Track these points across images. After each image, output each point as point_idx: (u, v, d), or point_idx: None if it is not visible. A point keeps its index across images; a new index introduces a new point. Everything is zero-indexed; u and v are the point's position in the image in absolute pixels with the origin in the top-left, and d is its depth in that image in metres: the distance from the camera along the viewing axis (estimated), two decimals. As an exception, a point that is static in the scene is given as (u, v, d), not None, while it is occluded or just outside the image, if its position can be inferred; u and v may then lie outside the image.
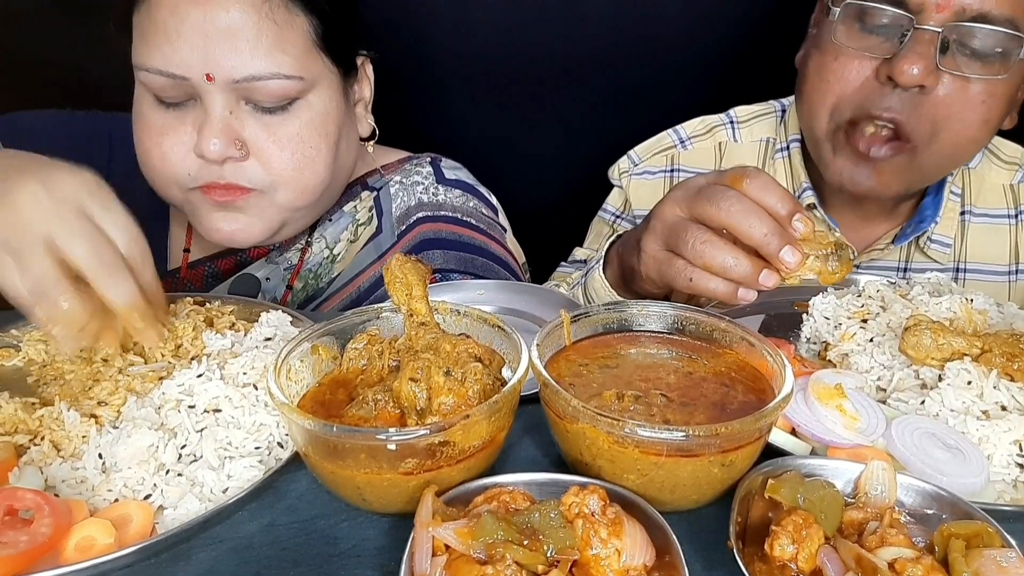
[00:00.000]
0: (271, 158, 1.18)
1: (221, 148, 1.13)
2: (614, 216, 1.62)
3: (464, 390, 0.73)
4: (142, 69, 1.14)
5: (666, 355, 0.87)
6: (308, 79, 1.18)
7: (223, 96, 1.14)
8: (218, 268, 1.38)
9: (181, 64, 1.11)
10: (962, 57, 1.16)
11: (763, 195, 0.93)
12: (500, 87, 1.96)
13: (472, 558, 0.59)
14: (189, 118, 1.16)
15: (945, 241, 1.41)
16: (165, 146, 1.17)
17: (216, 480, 0.76)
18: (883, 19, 1.17)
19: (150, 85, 1.15)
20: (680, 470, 0.69)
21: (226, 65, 1.11)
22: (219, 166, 1.16)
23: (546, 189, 2.04)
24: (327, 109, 1.23)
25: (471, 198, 1.48)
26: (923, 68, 1.13)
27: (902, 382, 0.90)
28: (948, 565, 0.61)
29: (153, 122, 1.18)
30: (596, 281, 1.19)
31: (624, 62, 1.93)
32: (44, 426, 0.80)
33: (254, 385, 0.85)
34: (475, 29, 1.90)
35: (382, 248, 1.41)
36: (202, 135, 1.13)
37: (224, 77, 1.12)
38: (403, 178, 1.45)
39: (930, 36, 1.13)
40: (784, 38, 1.45)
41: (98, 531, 0.69)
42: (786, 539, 0.63)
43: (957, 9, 1.12)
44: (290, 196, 1.22)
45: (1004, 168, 1.46)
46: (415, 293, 0.84)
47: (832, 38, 1.23)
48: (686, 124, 1.59)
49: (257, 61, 1.13)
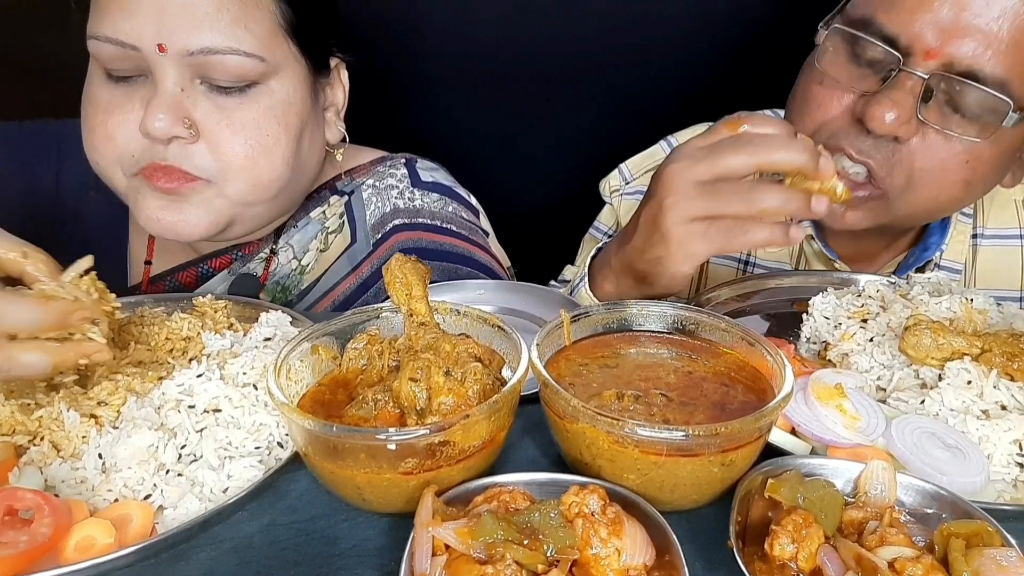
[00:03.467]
0: (222, 143, 1.10)
1: (167, 125, 1.05)
2: (606, 235, 1.56)
3: (464, 390, 0.73)
4: (92, 38, 1.07)
5: (666, 355, 0.87)
6: (271, 62, 1.12)
7: (175, 70, 1.06)
8: (179, 282, 1.31)
9: (131, 32, 1.04)
10: (946, 110, 1.07)
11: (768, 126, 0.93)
12: (497, 87, 1.96)
13: (472, 558, 0.59)
14: (138, 95, 1.09)
15: (955, 268, 1.33)
16: (111, 124, 1.09)
17: (216, 480, 0.76)
18: (871, 53, 1.10)
19: (100, 57, 1.08)
20: (680, 470, 0.69)
21: (181, 35, 1.04)
22: (164, 146, 1.08)
23: (542, 190, 2.03)
24: (290, 99, 1.16)
25: (450, 202, 1.41)
26: (898, 117, 1.05)
27: (902, 382, 0.90)
28: (948, 564, 0.61)
29: (100, 98, 1.11)
30: (583, 299, 1.17)
31: (621, 62, 1.93)
32: (44, 426, 0.80)
33: (254, 385, 0.85)
34: (472, 28, 1.90)
35: (356, 259, 1.34)
36: (148, 110, 1.05)
37: (178, 48, 1.05)
38: (376, 182, 1.38)
39: (914, 82, 1.05)
40: (783, 41, 1.44)
41: (98, 531, 0.69)
42: (786, 539, 0.63)
43: (947, 60, 1.04)
44: (241, 188, 1.14)
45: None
46: (415, 293, 0.84)
47: (816, 64, 1.17)
48: (679, 135, 1.53)
49: (215, 34, 1.06)
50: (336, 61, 1.29)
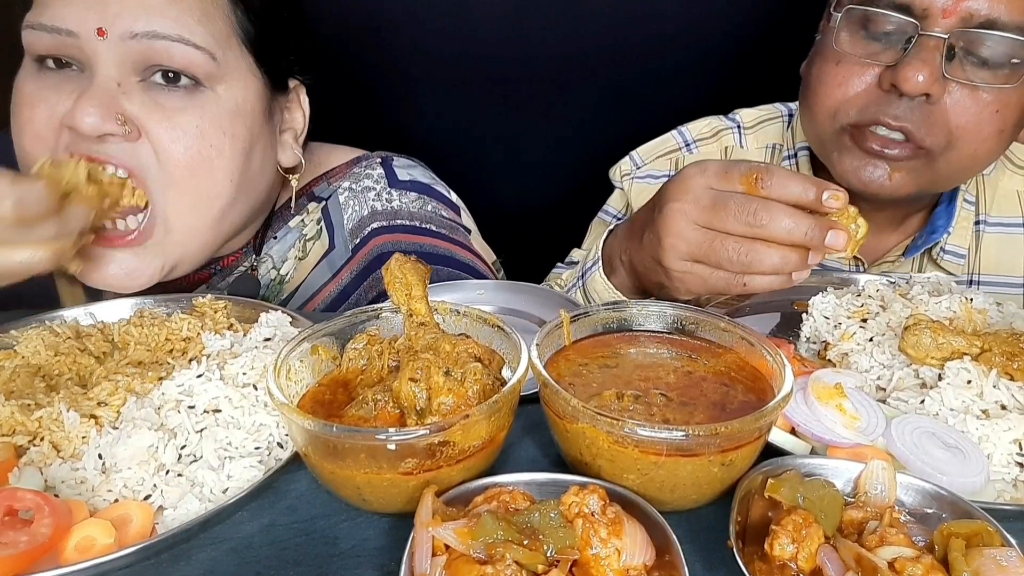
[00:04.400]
0: (163, 144, 1.02)
1: (97, 120, 0.97)
2: (615, 218, 1.59)
3: (464, 390, 0.73)
4: (28, 27, 1.01)
5: (666, 355, 0.87)
6: (220, 64, 1.05)
7: (113, 59, 1.00)
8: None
9: (70, 17, 0.98)
10: (970, 65, 1.11)
11: (785, 191, 0.91)
12: (499, 85, 1.96)
13: (472, 558, 0.59)
14: (68, 85, 1.01)
15: (959, 252, 1.36)
16: (37, 118, 1.01)
17: (216, 480, 0.76)
18: (887, 25, 1.13)
19: (33, 47, 1.02)
20: (680, 470, 0.69)
21: (125, 18, 0.98)
22: (95, 143, 1.00)
23: (545, 187, 2.03)
24: (239, 110, 1.09)
25: (428, 200, 1.37)
26: (928, 76, 1.09)
27: (902, 381, 0.90)
28: (948, 564, 0.61)
29: (28, 91, 1.03)
30: (598, 284, 1.18)
31: (623, 60, 1.93)
32: (43, 427, 0.80)
33: (254, 385, 0.86)
34: (473, 28, 1.90)
35: (336, 266, 1.30)
36: (77, 103, 0.98)
37: (120, 30, 0.98)
38: (352, 184, 1.33)
39: (935, 43, 1.09)
40: (784, 38, 1.45)
41: (98, 531, 0.69)
42: (786, 538, 0.63)
43: (964, 15, 1.08)
44: (181, 205, 1.05)
45: (1018, 173, 1.41)
46: (415, 293, 0.84)
47: (834, 44, 1.19)
48: (691, 125, 1.55)
49: (164, 20, 1.00)
50: (295, 83, 1.24)
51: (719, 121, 1.55)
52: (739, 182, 0.94)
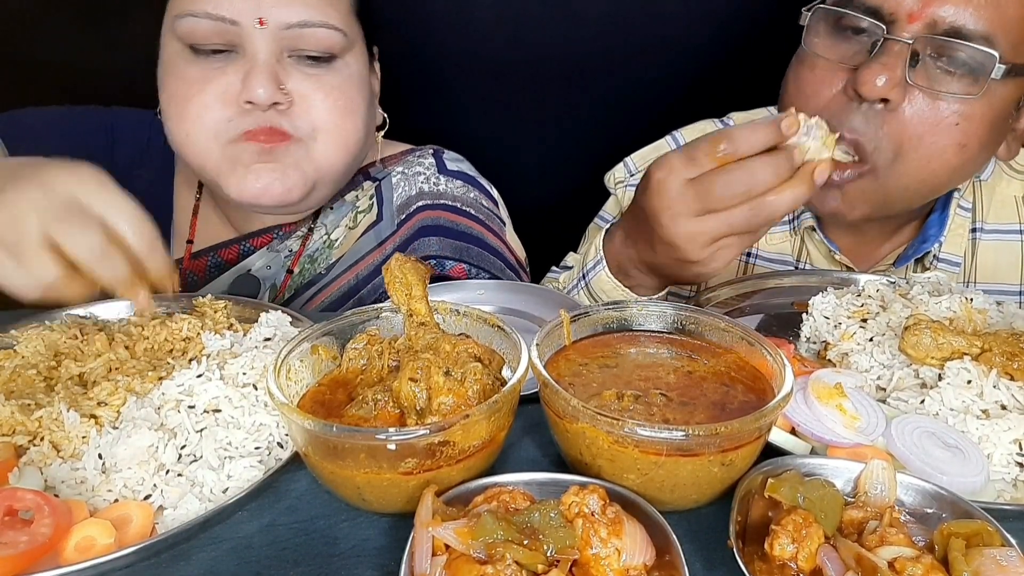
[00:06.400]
0: (314, 106, 1.21)
1: (270, 92, 1.16)
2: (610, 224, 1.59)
3: (464, 390, 0.74)
4: (186, 15, 1.16)
5: (666, 355, 0.87)
6: (350, 37, 1.24)
7: (271, 43, 1.17)
8: (221, 258, 1.38)
9: (232, 8, 1.15)
10: (934, 72, 1.10)
11: (751, 145, 0.94)
12: (501, 85, 1.96)
13: (472, 558, 0.59)
14: (231, 68, 1.18)
15: (953, 260, 1.34)
16: (208, 95, 1.18)
17: (216, 480, 0.76)
18: (857, 27, 1.13)
19: (191, 33, 1.17)
20: (680, 469, 0.69)
21: (280, 11, 1.16)
22: (263, 112, 1.18)
23: (541, 190, 2.03)
24: (362, 73, 1.28)
25: (472, 189, 1.49)
26: (889, 80, 1.07)
27: (902, 381, 0.90)
28: (948, 564, 0.61)
29: (190, 74, 1.19)
30: (606, 283, 1.18)
31: (624, 62, 1.93)
32: (44, 427, 0.80)
33: (254, 385, 0.85)
34: (477, 27, 1.90)
35: (382, 236, 1.42)
36: (252, 79, 1.16)
37: (277, 22, 1.16)
38: (405, 169, 1.47)
39: (900, 47, 1.08)
40: (779, 42, 1.44)
41: (98, 531, 0.69)
42: (786, 538, 0.63)
43: (930, 21, 1.07)
44: (329, 147, 1.24)
45: (1016, 178, 1.39)
46: (415, 293, 0.84)
47: (804, 45, 1.19)
48: (685, 130, 1.55)
49: (309, 9, 1.18)
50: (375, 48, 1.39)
51: (713, 125, 1.55)
52: (707, 161, 0.96)
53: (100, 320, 1.06)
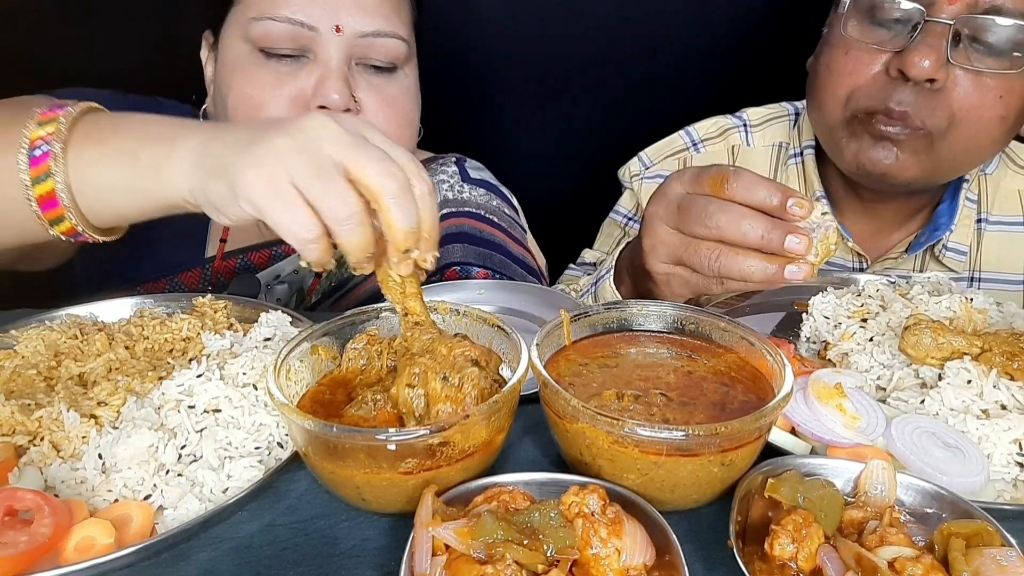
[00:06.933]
0: (377, 115, 1.24)
1: (345, 98, 1.19)
2: (626, 218, 1.60)
3: (461, 396, 0.73)
4: (264, 18, 1.18)
5: (666, 354, 0.87)
6: (410, 49, 1.28)
7: (343, 51, 1.20)
8: (251, 261, 1.39)
9: (312, 14, 1.18)
10: (975, 51, 1.13)
11: (749, 193, 0.90)
12: (505, 85, 1.96)
13: (472, 558, 0.59)
14: (302, 72, 1.21)
15: (961, 249, 1.38)
16: (282, 98, 1.20)
17: (216, 480, 0.76)
18: (894, 12, 1.16)
19: (266, 36, 1.19)
20: (680, 469, 0.69)
21: (356, 20, 1.20)
22: None
23: (553, 186, 2.04)
24: (416, 84, 1.33)
25: (494, 197, 1.51)
26: (934, 61, 1.11)
27: (902, 381, 0.90)
28: (948, 564, 0.61)
29: (263, 77, 1.21)
30: (607, 292, 1.19)
31: (630, 61, 1.93)
32: (44, 427, 0.80)
33: (254, 385, 0.85)
34: (478, 28, 1.90)
35: None
36: (327, 84, 1.18)
37: (353, 30, 1.20)
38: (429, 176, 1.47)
39: (941, 29, 1.11)
40: (792, 37, 1.45)
41: (98, 531, 0.68)
42: (786, 538, 0.63)
43: (970, 1, 1.10)
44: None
45: (1020, 173, 1.42)
46: (408, 290, 0.82)
47: (841, 31, 1.21)
48: (698, 125, 1.57)
49: (381, 19, 1.22)
50: None
51: (726, 120, 1.56)
52: (707, 185, 0.93)
53: (100, 320, 1.05)
